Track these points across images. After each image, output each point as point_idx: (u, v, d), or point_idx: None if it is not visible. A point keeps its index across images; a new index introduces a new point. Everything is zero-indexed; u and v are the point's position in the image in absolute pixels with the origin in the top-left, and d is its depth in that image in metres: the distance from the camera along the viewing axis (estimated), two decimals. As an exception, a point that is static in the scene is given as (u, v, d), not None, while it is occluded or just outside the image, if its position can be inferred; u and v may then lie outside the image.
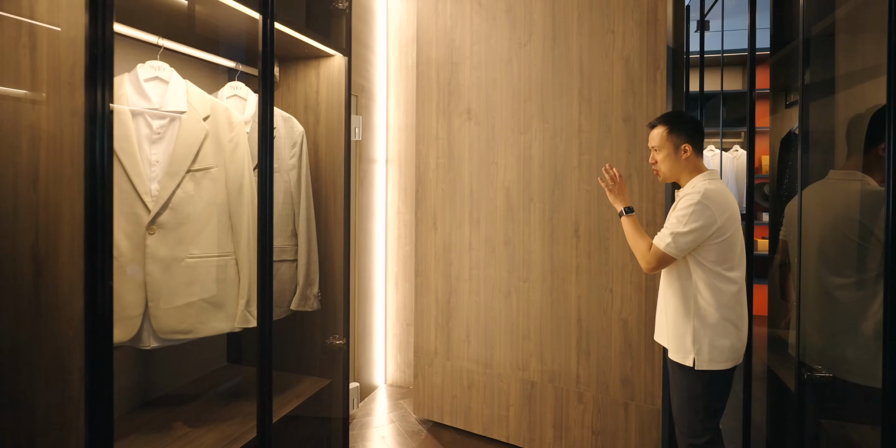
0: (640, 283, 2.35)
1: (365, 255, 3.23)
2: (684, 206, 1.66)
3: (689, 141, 1.77)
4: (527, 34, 2.58)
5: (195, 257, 1.55)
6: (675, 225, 1.66)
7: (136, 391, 1.81)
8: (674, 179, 1.84)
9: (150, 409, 1.78)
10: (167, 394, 1.91)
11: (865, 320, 1.51)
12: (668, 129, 1.79)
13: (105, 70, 1.06)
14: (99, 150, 1.05)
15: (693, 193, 1.67)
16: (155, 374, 1.89)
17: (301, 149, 1.92)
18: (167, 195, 1.49)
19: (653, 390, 2.33)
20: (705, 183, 1.71)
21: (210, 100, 1.63)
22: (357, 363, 3.17)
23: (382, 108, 3.39)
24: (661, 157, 1.81)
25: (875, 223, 1.43)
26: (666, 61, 2.26)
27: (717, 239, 1.66)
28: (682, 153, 1.77)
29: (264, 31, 1.49)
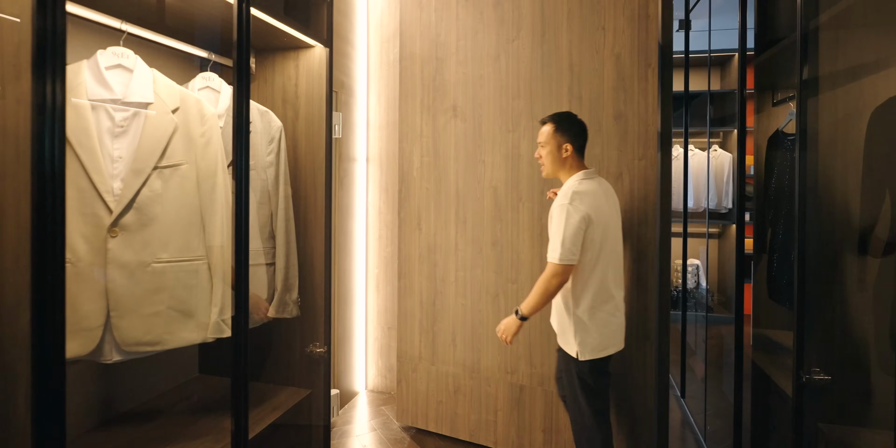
0: (631, 282, 2.25)
1: (344, 257, 3.05)
2: (557, 214, 1.75)
3: (571, 141, 1.86)
4: (515, 29, 2.45)
5: (163, 262, 1.38)
6: (556, 236, 1.74)
7: (97, 407, 1.62)
8: (555, 175, 1.92)
9: (113, 427, 1.59)
10: (132, 409, 1.72)
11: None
12: (555, 127, 1.87)
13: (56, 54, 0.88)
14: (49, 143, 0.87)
15: (561, 197, 1.79)
16: (119, 388, 1.69)
17: (279, 145, 1.74)
18: (131, 194, 1.31)
19: (645, 390, 2.24)
20: (575, 184, 1.81)
21: (180, 91, 1.45)
22: (336, 369, 2.99)
23: (363, 104, 3.22)
24: (545, 153, 1.89)
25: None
26: (658, 59, 2.17)
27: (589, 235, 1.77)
28: (564, 152, 1.86)
29: (239, 16, 1.32)
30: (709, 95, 2.72)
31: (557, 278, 1.75)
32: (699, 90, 2.85)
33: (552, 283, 1.76)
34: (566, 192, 1.79)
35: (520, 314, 1.86)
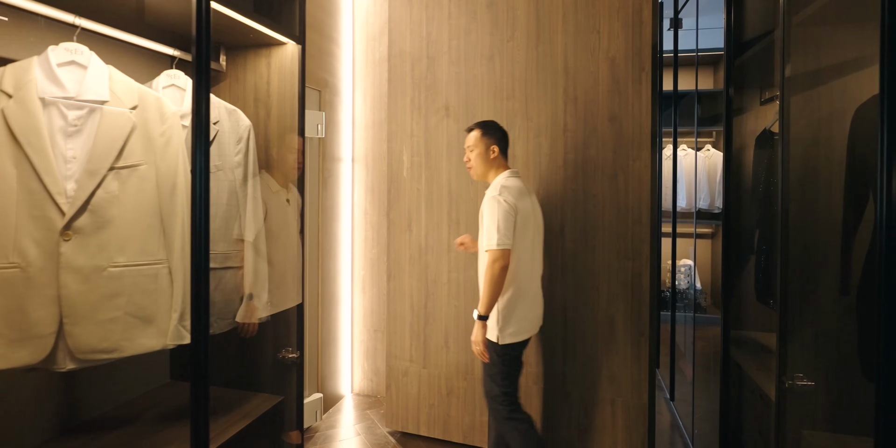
0: (626, 280, 2.29)
1: (329, 259, 2.98)
2: (489, 206, 1.87)
3: (497, 143, 2.01)
4: (510, 30, 2.45)
5: (120, 266, 1.31)
6: (491, 224, 1.85)
7: (59, 416, 1.54)
8: (484, 177, 2.04)
9: (74, 436, 1.52)
10: (97, 417, 1.63)
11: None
12: (482, 132, 2.01)
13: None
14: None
15: (488, 192, 1.93)
16: (83, 395, 1.61)
17: (247, 144, 1.68)
18: (85, 196, 1.25)
19: (639, 386, 2.28)
20: (503, 179, 1.96)
21: (138, 88, 1.38)
22: (321, 372, 2.92)
23: (348, 104, 3.15)
24: (474, 156, 2.01)
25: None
26: (651, 63, 2.21)
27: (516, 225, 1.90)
28: (491, 153, 2.00)
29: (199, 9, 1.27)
30: (696, 94, 2.78)
31: (499, 262, 1.85)
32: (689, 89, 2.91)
33: (495, 268, 1.84)
34: (495, 186, 1.93)
35: (478, 315, 1.91)
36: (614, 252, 2.29)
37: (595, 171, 2.31)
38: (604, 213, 2.31)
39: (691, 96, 2.88)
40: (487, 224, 1.87)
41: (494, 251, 1.84)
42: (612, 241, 2.30)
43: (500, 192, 1.89)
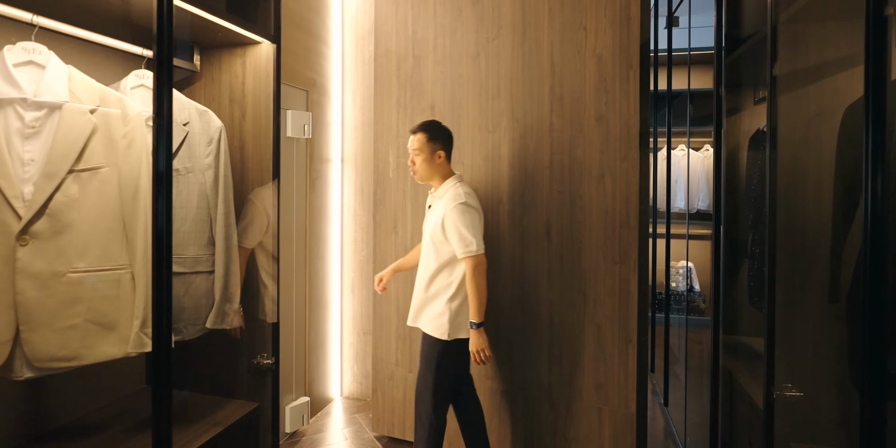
0: (613, 285, 2.23)
1: (318, 261, 2.95)
2: (457, 213, 1.88)
3: (443, 148, 2.00)
4: (495, 28, 2.40)
5: (80, 271, 1.28)
6: (464, 231, 1.87)
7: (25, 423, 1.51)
8: (428, 180, 2.04)
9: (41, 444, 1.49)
10: (65, 425, 1.60)
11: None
12: (428, 136, 1.99)
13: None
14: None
15: (450, 201, 1.91)
16: (51, 402, 1.58)
17: (219, 146, 1.64)
18: (43, 199, 1.22)
19: (626, 394, 2.22)
20: (456, 187, 1.97)
21: (99, 89, 1.35)
22: (309, 375, 2.89)
23: (337, 104, 3.12)
24: (419, 160, 1.99)
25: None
26: (640, 60, 2.16)
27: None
28: (437, 158, 1.99)
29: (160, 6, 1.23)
30: (688, 94, 2.72)
31: (481, 266, 1.91)
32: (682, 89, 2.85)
33: (479, 271, 1.89)
34: (457, 194, 1.94)
35: (474, 324, 1.93)
36: (601, 256, 2.24)
37: (582, 173, 2.25)
38: (590, 216, 2.25)
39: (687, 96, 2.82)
40: (460, 231, 1.88)
41: (477, 257, 1.88)
42: (599, 244, 2.24)
43: (465, 199, 1.92)
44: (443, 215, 1.92)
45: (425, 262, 2.03)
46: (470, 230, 1.87)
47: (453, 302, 1.98)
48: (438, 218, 1.94)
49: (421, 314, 2.05)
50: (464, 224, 1.87)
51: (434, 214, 2.00)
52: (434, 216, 1.99)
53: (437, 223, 1.95)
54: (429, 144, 1.99)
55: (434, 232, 1.96)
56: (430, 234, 2.00)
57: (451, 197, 1.94)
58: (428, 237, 2.02)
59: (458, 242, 1.88)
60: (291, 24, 2.63)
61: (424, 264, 2.04)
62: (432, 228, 1.97)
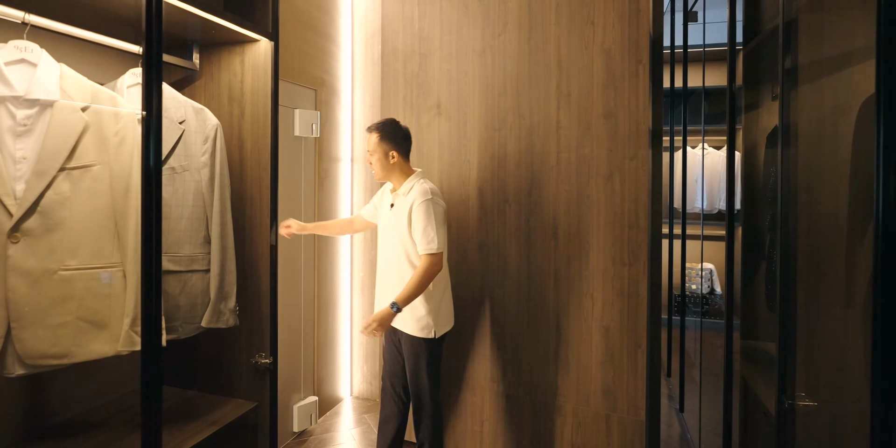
0: (622, 288, 2.16)
1: (327, 261, 2.95)
2: (423, 210, 1.88)
3: (396, 148, 1.99)
4: (501, 24, 2.36)
5: (71, 269, 1.29)
6: (429, 227, 1.88)
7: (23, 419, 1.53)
8: (386, 179, 2.04)
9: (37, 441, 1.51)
10: (66, 421, 1.62)
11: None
12: (380, 136, 1.98)
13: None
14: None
15: (417, 196, 1.92)
16: (52, 398, 1.60)
17: (214, 144, 1.63)
18: (34, 197, 1.22)
19: (636, 401, 2.15)
20: (421, 184, 1.97)
21: (91, 87, 1.35)
22: (318, 375, 2.89)
23: (347, 103, 3.12)
24: (374, 160, 2.00)
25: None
26: (650, 55, 2.08)
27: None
28: (391, 158, 1.99)
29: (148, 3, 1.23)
30: (703, 92, 2.63)
31: (438, 266, 1.92)
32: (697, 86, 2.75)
33: (433, 271, 1.90)
34: (423, 190, 1.94)
35: (396, 306, 1.89)
36: (609, 257, 2.17)
37: (589, 171, 2.19)
38: (599, 216, 2.19)
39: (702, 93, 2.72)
40: (424, 227, 1.89)
41: (437, 255, 1.90)
42: (608, 245, 2.18)
43: (431, 196, 1.93)
44: (409, 211, 1.92)
45: (396, 265, 1.98)
46: (433, 227, 1.89)
47: (433, 300, 1.99)
48: (405, 214, 1.93)
49: (401, 317, 1.99)
50: (428, 221, 1.89)
51: (400, 213, 1.97)
52: (400, 214, 1.96)
53: (404, 219, 1.94)
54: (381, 144, 1.98)
55: (402, 229, 1.94)
56: (396, 234, 1.97)
57: (419, 192, 1.94)
58: (395, 237, 1.98)
59: (421, 238, 1.89)
60: (300, 24, 2.63)
61: (395, 266, 1.99)
62: (400, 227, 1.95)
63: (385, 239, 2.05)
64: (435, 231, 1.89)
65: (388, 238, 2.02)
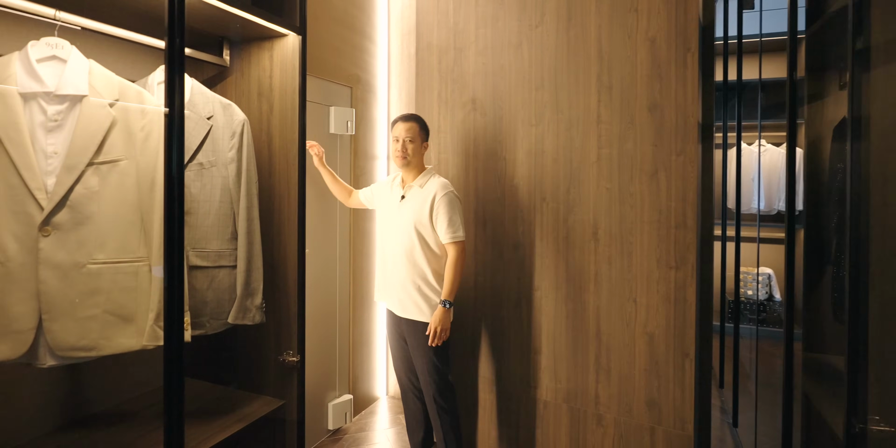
0: (668, 292, 2.02)
1: (363, 259, 2.93)
2: (446, 202, 1.99)
3: (427, 140, 2.13)
4: (538, 15, 2.26)
5: (99, 263, 1.29)
6: (452, 219, 1.98)
7: (62, 408, 1.56)
8: (407, 168, 2.09)
9: (73, 430, 1.53)
10: (102, 412, 1.64)
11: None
12: (419, 126, 2.08)
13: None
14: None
15: (439, 189, 2.01)
16: (91, 389, 1.63)
17: (241, 139, 1.61)
18: (63, 191, 1.23)
19: (683, 414, 2.01)
20: (436, 179, 2.07)
21: (119, 82, 1.35)
22: (353, 373, 2.87)
23: (383, 100, 3.09)
24: (411, 148, 2.06)
25: None
26: (699, 42, 1.93)
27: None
28: (424, 148, 2.11)
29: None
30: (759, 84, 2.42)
31: (464, 252, 2.05)
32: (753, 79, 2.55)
33: (463, 257, 2.01)
34: (444, 184, 2.03)
35: (448, 303, 1.97)
36: (654, 259, 2.03)
37: (632, 168, 2.06)
38: (642, 215, 2.05)
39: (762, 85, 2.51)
40: (450, 217, 1.99)
41: (462, 243, 2.00)
42: (653, 247, 2.04)
43: (452, 189, 2.04)
44: (430, 203, 2.00)
45: (407, 253, 2.03)
46: (459, 218, 2.00)
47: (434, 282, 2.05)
48: (424, 205, 2.01)
49: (411, 305, 2.04)
50: (452, 212, 1.99)
51: (415, 203, 2.03)
52: (415, 205, 2.03)
53: (421, 210, 2.01)
54: (420, 134, 2.07)
55: (419, 220, 2.01)
56: (409, 224, 2.02)
57: (440, 186, 2.02)
58: (406, 227, 2.03)
59: (446, 228, 1.98)
60: (335, 21, 2.62)
61: (406, 255, 2.03)
62: (416, 217, 2.01)
63: (393, 229, 2.08)
64: (460, 221, 2.00)
65: (398, 228, 2.06)
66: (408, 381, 2.16)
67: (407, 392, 2.18)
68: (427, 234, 2.01)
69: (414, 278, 2.02)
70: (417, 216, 2.00)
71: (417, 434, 2.19)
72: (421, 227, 2.00)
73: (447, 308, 1.96)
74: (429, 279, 2.02)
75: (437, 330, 1.95)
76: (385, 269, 2.10)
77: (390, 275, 2.07)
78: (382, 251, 2.13)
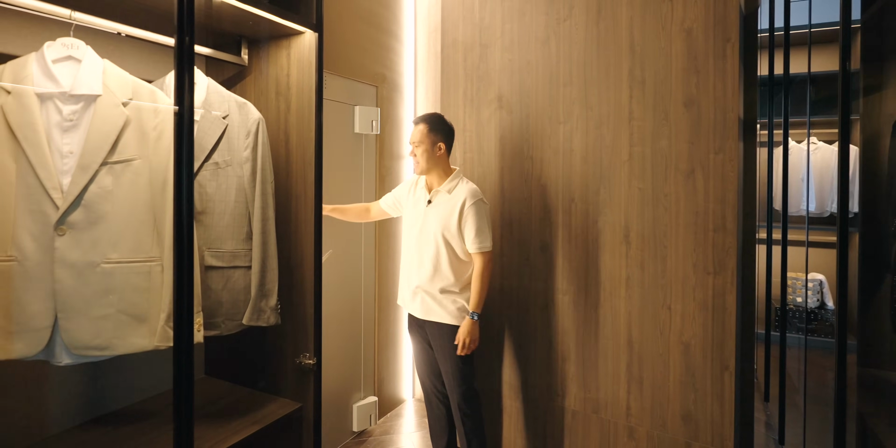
0: (705, 300, 1.89)
1: (389, 259, 2.90)
2: (475, 210, 1.93)
3: (443, 141, 1.99)
4: (567, 8, 2.16)
5: (112, 262, 1.29)
6: (480, 228, 1.93)
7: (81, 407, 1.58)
8: (428, 173, 2.02)
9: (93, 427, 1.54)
10: (122, 409, 1.66)
11: None
12: (428, 128, 1.98)
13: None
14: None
15: (468, 196, 1.94)
16: (108, 387, 1.64)
17: (256, 138, 1.59)
18: (78, 190, 1.24)
19: (722, 430, 1.87)
20: (464, 184, 1.99)
21: (133, 81, 1.35)
22: (378, 375, 2.84)
23: (409, 99, 3.05)
24: (420, 152, 1.98)
25: None
26: (738, 31, 1.80)
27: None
28: (437, 150, 1.98)
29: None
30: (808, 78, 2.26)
31: (491, 262, 2.02)
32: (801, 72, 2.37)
33: (490, 267, 1.98)
34: (473, 191, 1.97)
35: (475, 314, 1.94)
36: (690, 264, 1.91)
37: (667, 167, 1.94)
38: (677, 217, 1.93)
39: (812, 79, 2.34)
40: (479, 226, 1.93)
41: (489, 253, 1.95)
42: (688, 251, 1.91)
43: (481, 197, 1.98)
44: (459, 211, 1.93)
45: (433, 259, 1.98)
46: (487, 226, 1.95)
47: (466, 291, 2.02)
48: (452, 213, 1.94)
49: (436, 308, 2.00)
50: (481, 220, 1.94)
51: (442, 210, 1.97)
52: (443, 212, 1.96)
53: (449, 218, 1.94)
54: (429, 136, 1.97)
55: (446, 227, 1.95)
56: (435, 230, 1.96)
57: (469, 193, 1.95)
58: (432, 232, 1.97)
59: (474, 238, 1.93)
60: (360, 20, 2.60)
61: (431, 261, 1.98)
62: (443, 224, 1.95)
63: (418, 234, 2.02)
64: (488, 230, 1.95)
65: (423, 233, 2.00)
66: (431, 385, 2.12)
67: (430, 396, 2.14)
68: (454, 242, 1.96)
69: (439, 284, 1.97)
70: (444, 223, 1.95)
71: (441, 439, 2.13)
72: (448, 235, 1.95)
73: (475, 320, 1.93)
74: (455, 285, 1.98)
75: (465, 341, 1.92)
76: (409, 273, 2.05)
77: (414, 279, 2.02)
78: (407, 255, 2.08)
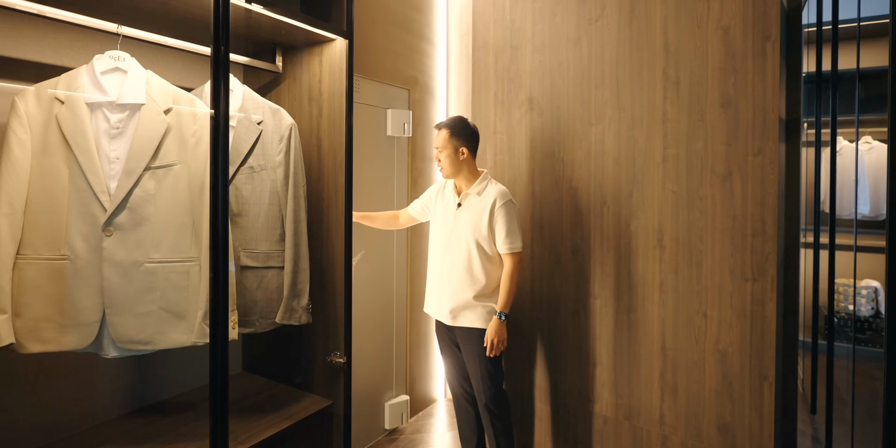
0: (743, 307, 1.83)
1: (421, 259, 2.93)
2: (505, 211, 1.94)
3: (466, 145, 1.99)
4: (599, 8, 2.13)
5: (155, 262, 1.38)
6: (510, 228, 1.95)
7: (127, 398, 1.68)
8: (454, 177, 2.03)
9: (136, 419, 1.63)
10: (162, 402, 1.75)
11: None
12: (450, 133, 1.98)
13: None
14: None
15: (498, 198, 1.96)
16: (153, 380, 1.74)
17: (289, 143, 1.66)
18: (123, 194, 1.33)
19: (761, 442, 1.81)
20: (493, 186, 2.00)
21: (173, 90, 1.43)
22: (410, 374, 2.88)
23: (442, 101, 3.08)
24: (443, 157, 2.00)
25: None
26: (779, 28, 1.73)
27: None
28: (461, 155, 1.99)
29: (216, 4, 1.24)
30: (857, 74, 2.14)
31: (521, 263, 2.06)
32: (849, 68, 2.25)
33: (520, 268, 2.01)
34: (503, 192, 1.98)
35: (503, 315, 1.94)
36: (727, 270, 1.85)
37: (702, 170, 1.88)
38: (713, 221, 1.88)
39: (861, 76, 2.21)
40: (509, 228, 1.95)
41: (520, 254, 1.97)
42: (725, 256, 1.86)
43: (510, 198, 1.98)
44: (489, 213, 1.95)
45: (465, 263, 1.98)
46: (515, 227, 1.96)
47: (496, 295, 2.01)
48: (482, 214, 1.96)
49: (463, 313, 2.00)
50: (511, 221, 1.95)
51: (472, 212, 1.98)
52: (474, 214, 1.98)
53: (479, 219, 1.96)
54: (451, 141, 1.98)
55: (477, 229, 1.96)
56: (467, 233, 1.98)
57: (499, 194, 1.96)
58: (464, 236, 1.98)
59: (505, 238, 1.94)
60: (393, 24, 2.64)
61: (463, 265, 1.98)
62: (474, 226, 1.97)
63: (449, 237, 2.03)
64: (518, 231, 1.96)
65: (454, 237, 2.01)
66: (460, 388, 2.13)
67: (460, 399, 2.15)
68: (485, 244, 1.96)
69: (471, 287, 1.97)
70: (475, 225, 1.96)
71: (471, 441, 2.14)
72: (479, 237, 1.96)
73: (502, 320, 1.93)
74: (486, 288, 1.98)
75: (493, 342, 1.92)
76: (440, 278, 2.05)
77: (445, 284, 2.03)
78: (434, 261, 2.09)
